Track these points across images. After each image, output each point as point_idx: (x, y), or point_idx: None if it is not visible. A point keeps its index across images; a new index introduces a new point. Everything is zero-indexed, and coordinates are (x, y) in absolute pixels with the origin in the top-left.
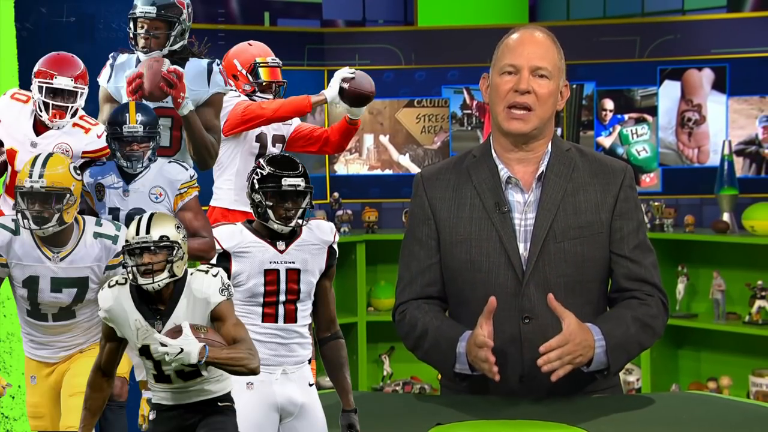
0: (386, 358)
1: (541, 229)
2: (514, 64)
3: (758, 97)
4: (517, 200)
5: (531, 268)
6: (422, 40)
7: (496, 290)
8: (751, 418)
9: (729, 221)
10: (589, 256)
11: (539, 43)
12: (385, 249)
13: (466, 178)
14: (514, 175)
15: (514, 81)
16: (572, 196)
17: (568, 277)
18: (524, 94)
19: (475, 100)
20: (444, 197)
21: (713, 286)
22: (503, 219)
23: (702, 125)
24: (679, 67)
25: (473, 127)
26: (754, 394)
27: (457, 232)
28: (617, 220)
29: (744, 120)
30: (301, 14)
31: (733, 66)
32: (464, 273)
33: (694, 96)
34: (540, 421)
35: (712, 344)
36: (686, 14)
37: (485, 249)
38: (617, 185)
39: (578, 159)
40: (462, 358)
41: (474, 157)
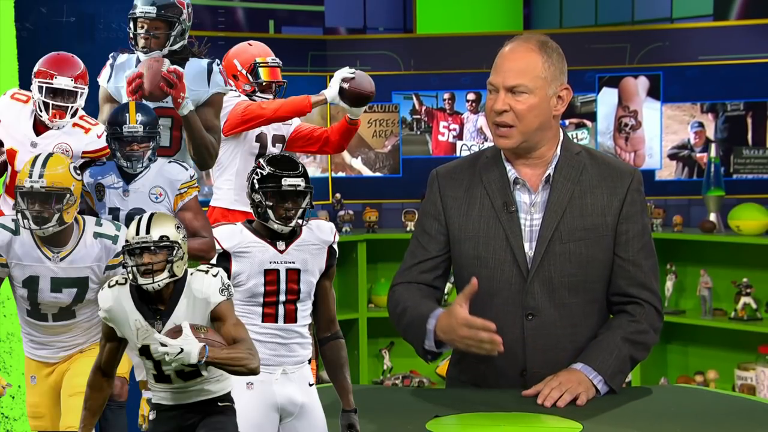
0: (386, 353)
1: (547, 229)
2: (493, 83)
3: (690, 104)
4: (523, 201)
5: (536, 266)
6: (421, 46)
7: (500, 286)
8: (736, 410)
9: (716, 221)
10: (593, 257)
11: (518, 59)
12: (385, 248)
13: (478, 178)
14: (521, 177)
15: (494, 99)
16: (579, 198)
17: (572, 277)
18: (501, 114)
19: (423, 106)
20: (456, 196)
21: (700, 284)
22: (510, 218)
23: (638, 130)
24: (655, 73)
25: (422, 131)
26: (739, 387)
27: (466, 230)
28: (623, 223)
29: (677, 125)
30: (305, 22)
31: (666, 74)
32: (471, 268)
33: (630, 102)
34: (534, 414)
35: (700, 339)
36: (674, 22)
37: (492, 246)
38: (624, 189)
39: (588, 162)
40: (430, 335)
41: (486, 157)
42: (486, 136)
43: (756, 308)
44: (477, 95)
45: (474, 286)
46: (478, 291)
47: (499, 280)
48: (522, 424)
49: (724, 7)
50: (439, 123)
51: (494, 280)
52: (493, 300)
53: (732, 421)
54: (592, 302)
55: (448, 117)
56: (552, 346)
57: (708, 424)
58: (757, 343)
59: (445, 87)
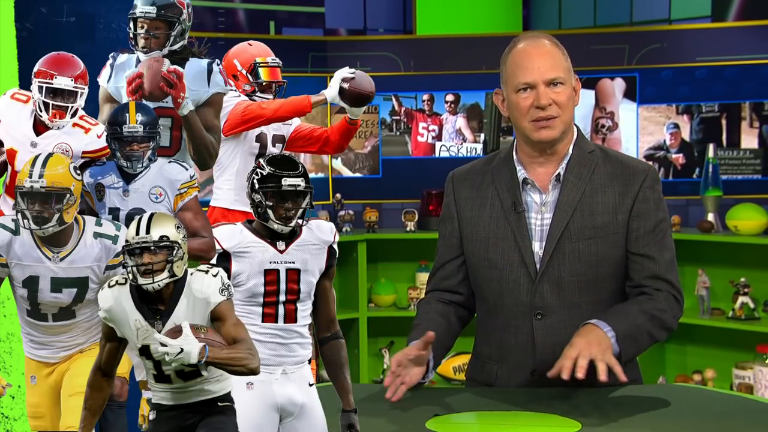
0: (386, 352)
1: (556, 228)
2: (528, 82)
3: (666, 105)
4: (534, 201)
5: (545, 266)
6: (421, 47)
7: (509, 286)
8: (734, 409)
9: (713, 221)
10: (603, 256)
11: (547, 54)
12: (385, 248)
13: (489, 179)
14: (530, 177)
15: (532, 97)
16: (590, 197)
17: (582, 276)
18: (546, 108)
19: (403, 107)
20: (469, 197)
21: (698, 283)
22: (518, 219)
23: (615, 131)
24: None
25: (401, 132)
26: (737, 386)
27: (477, 231)
28: (634, 220)
29: (653, 126)
30: (305, 23)
31: (642, 76)
32: (482, 270)
33: (607, 104)
34: (534, 413)
35: (698, 338)
36: (673, 24)
37: (501, 247)
38: (636, 187)
39: (601, 161)
40: None
41: (500, 158)
42: (465, 137)
43: (754, 308)
44: (456, 96)
45: (430, 336)
46: (489, 291)
47: (508, 281)
48: (521, 422)
49: (723, 9)
50: (419, 124)
51: (504, 280)
52: (504, 300)
53: (730, 420)
54: (603, 302)
55: (427, 118)
56: (562, 346)
57: (706, 423)
58: (755, 342)
59: (446, 88)
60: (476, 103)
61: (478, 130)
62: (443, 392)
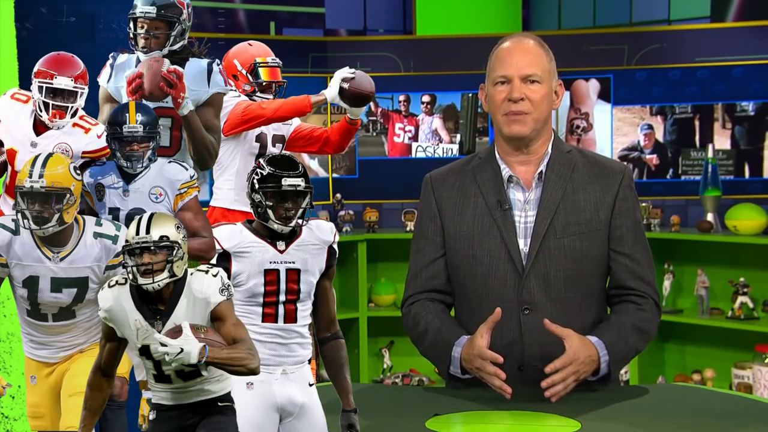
0: (386, 352)
1: (541, 225)
2: (505, 75)
3: (640, 106)
4: (518, 198)
5: (531, 262)
6: (421, 48)
7: (495, 283)
8: (733, 408)
9: (713, 221)
10: (588, 252)
11: (528, 51)
12: (385, 247)
13: (471, 178)
14: (515, 175)
15: (507, 90)
16: (572, 194)
17: (568, 271)
18: (518, 102)
19: (379, 108)
20: (450, 196)
21: (698, 283)
22: (504, 216)
23: (589, 132)
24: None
25: (378, 132)
26: (736, 386)
27: (461, 228)
28: (616, 218)
29: (627, 127)
30: (306, 24)
31: (616, 77)
32: (466, 267)
33: (582, 105)
34: (533, 412)
35: (697, 338)
36: (672, 24)
37: (486, 244)
38: (616, 185)
39: (579, 160)
40: (456, 362)
41: (479, 159)
42: (441, 138)
43: (753, 307)
44: (432, 97)
45: (498, 315)
46: (473, 288)
47: (494, 277)
48: (521, 422)
49: (722, 9)
50: (395, 125)
51: (490, 277)
52: (489, 297)
53: (729, 419)
54: (589, 297)
55: (404, 119)
56: (549, 341)
57: (705, 422)
58: (754, 342)
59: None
60: (452, 104)
61: (455, 130)
62: (443, 392)
